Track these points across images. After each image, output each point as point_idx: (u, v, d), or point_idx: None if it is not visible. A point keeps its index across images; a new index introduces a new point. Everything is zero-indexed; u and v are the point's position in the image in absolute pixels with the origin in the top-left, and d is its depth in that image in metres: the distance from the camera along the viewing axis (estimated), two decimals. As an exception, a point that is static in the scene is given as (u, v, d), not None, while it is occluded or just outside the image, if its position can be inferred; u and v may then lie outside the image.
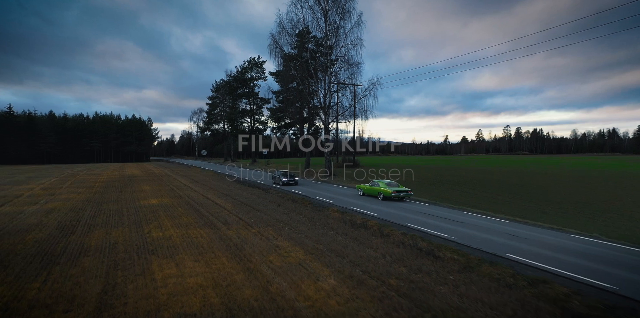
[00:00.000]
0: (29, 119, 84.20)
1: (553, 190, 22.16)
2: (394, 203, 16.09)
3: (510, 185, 24.46)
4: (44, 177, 30.51)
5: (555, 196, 19.70)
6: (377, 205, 15.28)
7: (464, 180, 26.51)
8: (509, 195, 19.94)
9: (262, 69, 47.18)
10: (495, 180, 27.54)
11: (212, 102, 60.47)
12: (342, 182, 24.89)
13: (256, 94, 47.90)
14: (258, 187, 22.89)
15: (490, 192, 21.39)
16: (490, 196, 19.85)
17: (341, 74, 24.77)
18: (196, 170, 41.36)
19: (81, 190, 21.50)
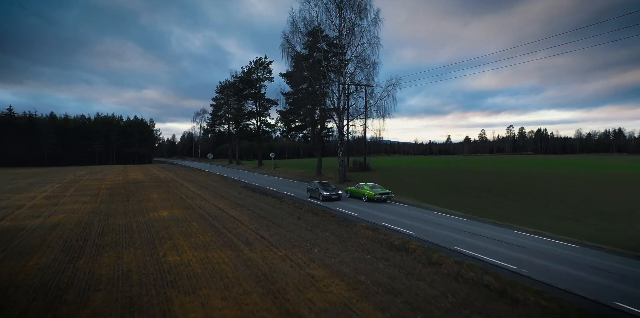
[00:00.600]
0: (29, 120, 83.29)
1: (597, 199, 20.95)
2: (394, 209, 15.04)
3: (544, 192, 23.26)
4: (45, 183, 29.48)
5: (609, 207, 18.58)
6: (380, 211, 14.21)
7: (495, 187, 25.26)
8: (554, 207, 18.82)
9: (269, 69, 46.04)
10: (531, 187, 26.41)
11: (217, 103, 59.43)
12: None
13: (263, 95, 46.80)
14: (271, 194, 21.83)
15: (528, 202, 20.26)
16: (536, 208, 18.73)
17: (356, 74, 23.64)
18: (202, 174, 40.31)
19: (86, 199, 20.45)
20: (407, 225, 13.10)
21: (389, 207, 17.51)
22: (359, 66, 23.31)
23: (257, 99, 46.66)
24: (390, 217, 14.64)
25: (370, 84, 22.93)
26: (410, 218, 14.45)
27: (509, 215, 15.79)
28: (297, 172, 36.73)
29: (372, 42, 22.73)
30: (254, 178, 33.85)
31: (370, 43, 22.71)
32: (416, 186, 25.67)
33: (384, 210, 16.37)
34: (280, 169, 41.92)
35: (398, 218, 14.40)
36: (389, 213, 15.44)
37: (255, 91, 46.44)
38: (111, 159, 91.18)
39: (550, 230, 12.94)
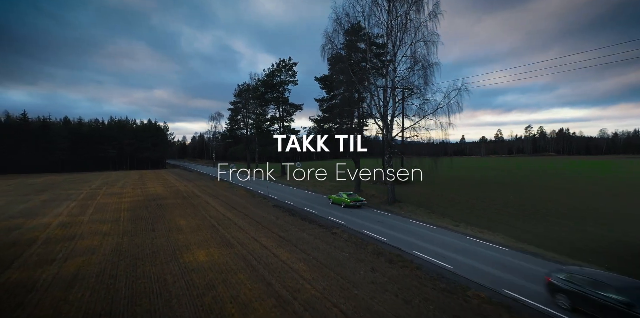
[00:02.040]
0: (43, 124, 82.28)
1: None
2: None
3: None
4: (61, 201, 27.21)
5: None
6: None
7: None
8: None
9: (293, 71, 43.08)
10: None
11: (235, 107, 56.88)
12: (418, 215, 20.21)
13: (286, 100, 43.97)
14: (315, 221, 18.92)
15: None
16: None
17: (409, 77, 20.38)
18: (224, 186, 37.74)
19: (106, 229, 17.87)
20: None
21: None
22: (413, 68, 20.03)
23: (281, 103, 43.86)
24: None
25: (426, 88, 19.66)
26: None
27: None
28: (329, 186, 33.66)
29: (429, 40, 19.45)
30: (282, 193, 31.05)
31: (427, 40, 19.44)
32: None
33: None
34: (309, 181, 38.92)
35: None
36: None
37: (278, 95, 43.61)
38: (125, 164, 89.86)
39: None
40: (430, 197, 26.05)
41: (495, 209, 21.53)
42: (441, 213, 20.44)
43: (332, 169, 44.81)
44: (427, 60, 19.49)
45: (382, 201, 23.21)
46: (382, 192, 27.18)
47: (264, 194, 30.40)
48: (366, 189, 28.27)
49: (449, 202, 23.73)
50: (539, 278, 10.15)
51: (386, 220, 18.98)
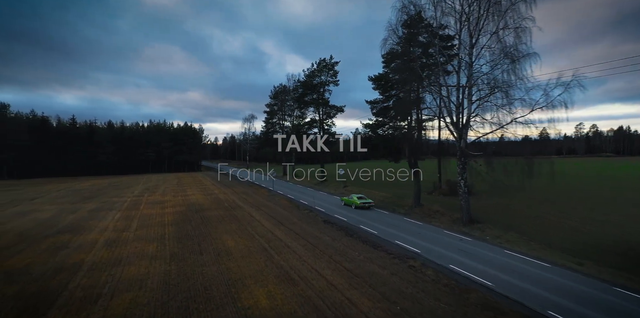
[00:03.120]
0: (89, 129, 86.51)
1: None
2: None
3: None
4: (107, 212, 26.79)
5: None
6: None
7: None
8: None
9: (335, 71, 40.57)
10: None
11: (270, 110, 55.62)
12: (510, 243, 16.46)
13: (327, 101, 41.63)
14: (380, 246, 16.29)
15: None
16: None
17: (493, 73, 16.90)
18: (264, 194, 36.18)
19: (152, 250, 16.45)
20: None
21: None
22: (498, 61, 16.53)
23: (321, 105, 41.62)
24: None
25: (515, 85, 16.05)
26: None
27: None
28: (379, 197, 30.75)
29: (518, 26, 15.85)
30: (328, 204, 28.73)
31: (516, 27, 15.88)
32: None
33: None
34: (353, 189, 36.33)
35: None
36: None
37: (318, 96, 41.41)
38: (163, 166, 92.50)
39: None
40: (512, 214, 22.12)
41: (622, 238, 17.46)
42: (544, 241, 16.15)
43: (380, 176, 41.87)
44: (517, 50, 15.93)
45: (454, 220, 19.95)
46: (448, 206, 23.93)
47: (309, 206, 28.26)
48: (427, 203, 25.05)
49: (544, 223, 19.78)
50: None
51: (470, 248, 15.73)
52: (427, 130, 25.37)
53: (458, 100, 18.35)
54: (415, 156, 23.45)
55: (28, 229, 20.17)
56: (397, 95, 24.68)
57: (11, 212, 26.26)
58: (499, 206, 24.75)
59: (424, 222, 20.53)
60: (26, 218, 23.47)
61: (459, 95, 18.29)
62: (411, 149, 22.52)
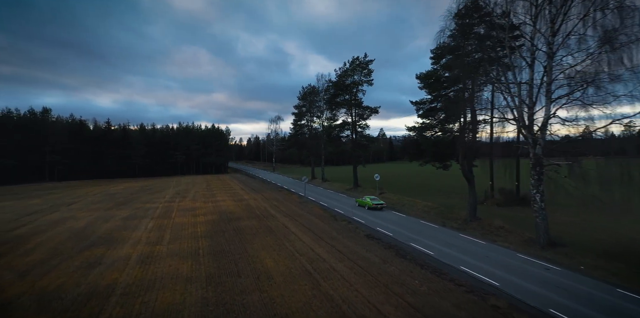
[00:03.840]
0: (123, 132, 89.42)
1: None
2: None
3: None
4: (140, 220, 26.23)
5: None
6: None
7: None
8: None
9: (369, 70, 38.17)
10: None
11: (299, 111, 54.14)
12: (617, 277, 12.86)
13: (360, 102, 39.35)
14: (440, 271, 13.97)
15: None
16: None
17: (583, 64, 13.79)
18: (295, 200, 34.61)
19: (187, 270, 15.12)
20: None
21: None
22: (589, 50, 13.51)
23: (354, 106, 39.42)
24: None
25: (619, 78, 13.00)
26: None
27: None
28: (424, 207, 28.09)
29: (622, 5, 12.65)
30: (366, 214, 26.60)
31: (619, 6, 12.71)
32: None
33: None
34: (391, 197, 33.87)
35: None
36: None
37: (351, 97, 39.24)
38: (192, 168, 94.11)
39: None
40: (603, 234, 18.74)
41: None
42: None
43: (422, 182, 39.10)
44: (626, 35, 12.76)
45: (526, 240, 16.97)
46: (511, 221, 21.06)
47: (345, 216, 26.26)
48: (484, 216, 22.17)
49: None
50: None
51: (566, 283, 12.39)
52: (480, 132, 22.56)
53: (531, 99, 15.55)
54: (470, 162, 20.77)
55: (63, 241, 19.66)
56: (447, 94, 22.10)
57: (49, 219, 26.32)
58: (583, 224, 21.25)
59: (487, 241, 17.82)
60: (62, 227, 23.21)
61: (533, 93, 15.49)
62: (465, 154, 19.87)
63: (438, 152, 21.55)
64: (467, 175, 21.23)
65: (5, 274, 14.78)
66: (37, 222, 25.14)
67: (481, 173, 30.22)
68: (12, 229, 22.57)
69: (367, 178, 48.35)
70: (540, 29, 14.87)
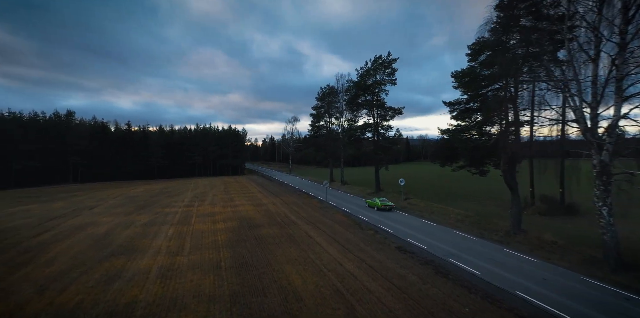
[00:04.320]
0: (143, 134, 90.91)
1: None
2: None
3: None
4: (159, 227, 25.64)
5: None
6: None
7: None
8: None
9: (392, 69, 36.39)
10: None
11: (317, 112, 52.87)
12: None
13: (383, 103, 37.62)
14: (493, 297, 12.31)
15: None
16: None
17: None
18: (315, 205, 33.35)
19: (209, 286, 14.11)
20: None
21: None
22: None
23: (376, 107, 37.73)
24: None
25: None
26: None
27: None
28: (457, 215, 26.12)
29: None
30: (393, 223, 25.01)
31: None
32: None
33: None
34: (418, 203, 32.02)
35: None
36: None
37: (372, 98, 37.55)
38: (209, 170, 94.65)
39: None
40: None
41: None
42: None
43: (448, 186, 36.81)
44: None
45: (588, 259, 14.71)
46: (563, 235, 18.99)
47: (371, 224, 24.75)
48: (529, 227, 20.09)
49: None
50: None
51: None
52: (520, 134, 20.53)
53: (595, 98, 13.56)
54: (513, 168, 18.83)
55: (83, 250, 19.11)
56: (485, 94, 20.21)
57: (71, 224, 26.11)
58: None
59: (539, 258, 15.86)
60: (83, 233, 22.83)
61: (597, 91, 13.49)
62: (509, 159, 17.98)
63: (475, 157, 19.67)
64: (510, 182, 19.29)
65: (24, 288, 14.20)
66: (59, 227, 24.95)
67: (518, 178, 28.01)
68: (35, 235, 22.36)
69: (389, 181, 46.56)
70: (607, 16, 12.91)
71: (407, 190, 35.56)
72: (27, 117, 76.59)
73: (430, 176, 66.66)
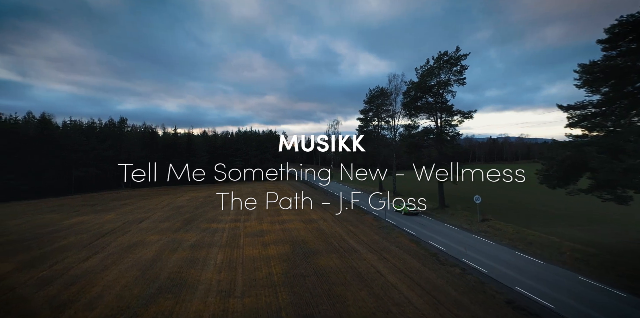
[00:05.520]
0: (188, 138, 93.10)
1: None
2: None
3: None
4: (207, 250, 23.55)
5: None
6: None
7: None
8: None
9: (461, 66, 31.18)
10: None
11: (364, 116, 49.03)
12: None
13: (449, 106, 32.59)
14: None
15: None
16: None
17: None
18: (372, 224, 29.53)
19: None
20: None
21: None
22: None
23: (439, 111, 32.83)
24: None
25: None
26: None
27: None
28: (571, 251, 20.76)
29: None
30: (478, 254, 20.36)
31: None
32: None
33: None
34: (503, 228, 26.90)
35: None
36: None
37: (436, 100, 32.63)
38: (250, 175, 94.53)
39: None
40: None
41: None
42: None
43: (529, 201, 30.52)
44: None
45: None
46: None
47: (451, 256, 20.37)
48: None
49: None
50: None
51: None
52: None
53: None
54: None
55: (129, 284, 17.17)
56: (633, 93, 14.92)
57: (120, 244, 24.96)
58: None
59: None
60: (131, 258, 21.24)
61: None
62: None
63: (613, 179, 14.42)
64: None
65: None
66: (108, 247, 23.82)
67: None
68: (84, 259, 21.19)
69: (452, 194, 41.07)
70: None
71: (483, 210, 30.13)
72: (86, 124, 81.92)
73: (491, 185, 59.31)
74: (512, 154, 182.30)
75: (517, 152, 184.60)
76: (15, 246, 24.10)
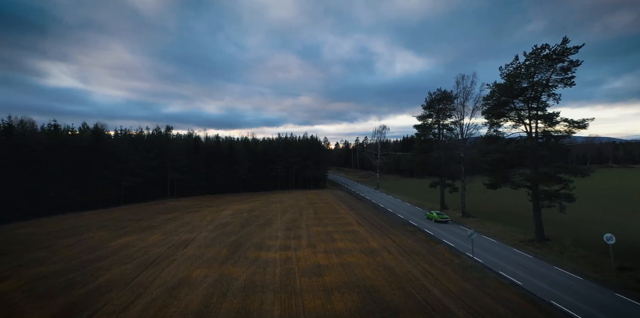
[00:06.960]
0: (229, 145, 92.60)
1: None
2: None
3: None
4: (261, 295, 19.87)
5: None
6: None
7: None
8: None
9: (569, 62, 24.23)
10: None
11: (422, 123, 43.26)
12: None
13: (550, 115, 25.60)
14: None
15: None
16: None
17: None
18: (451, 260, 24.04)
19: None
20: None
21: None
22: None
23: (535, 118, 26.13)
24: None
25: None
26: None
27: None
28: None
29: None
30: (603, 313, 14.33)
31: None
32: None
33: None
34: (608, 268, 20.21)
35: None
36: None
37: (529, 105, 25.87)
38: (290, 182, 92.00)
39: None
40: None
41: None
42: None
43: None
44: None
45: None
46: None
47: None
48: None
49: None
50: None
51: None
52: None
53: None
54: None
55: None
56: None
57: (164, 282, 22.21)
58: None
59: None
60: (173, 308, 18.08)
61: None
62: None
63: None
64: None
65: None
66: (151, 287, 21.08)
67: None
68: (124, 306, 18.45)
69: (549, 218, 32.96)
70: None
71: (615, 254, 22.77)
72: (135, 133, 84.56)
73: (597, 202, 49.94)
74: (580, 157, 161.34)
75: (585, 155, 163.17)
76: (60, 280, 22.34)
